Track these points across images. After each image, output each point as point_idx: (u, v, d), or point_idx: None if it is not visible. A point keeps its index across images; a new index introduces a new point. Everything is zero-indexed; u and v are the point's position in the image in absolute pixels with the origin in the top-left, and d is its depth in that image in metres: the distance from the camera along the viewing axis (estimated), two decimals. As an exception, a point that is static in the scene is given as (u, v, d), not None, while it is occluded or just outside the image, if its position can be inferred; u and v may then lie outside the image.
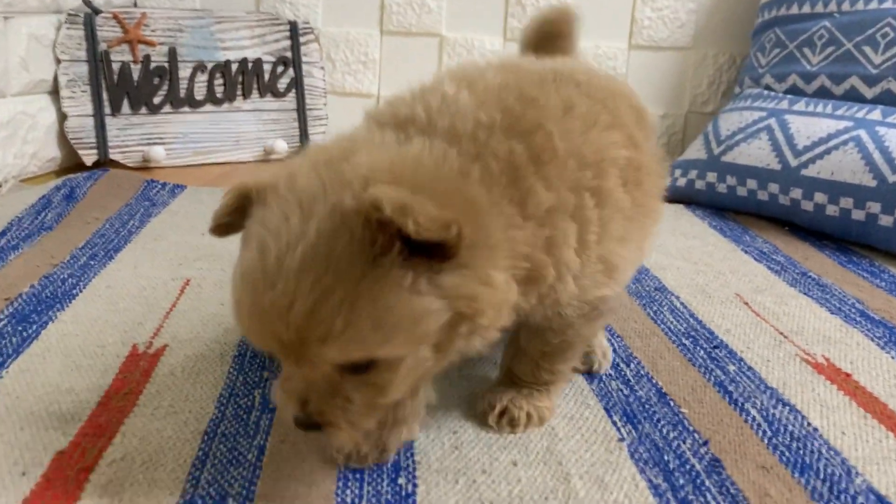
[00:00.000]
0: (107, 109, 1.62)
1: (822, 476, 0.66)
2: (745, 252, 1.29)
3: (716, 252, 1.28)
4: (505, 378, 0.73)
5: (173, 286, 1.00)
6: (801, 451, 0.70)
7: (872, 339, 0.96)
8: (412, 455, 0.66)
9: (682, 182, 1.58)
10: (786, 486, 0.64)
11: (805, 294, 1.10)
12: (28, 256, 1.07)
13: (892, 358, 0.91)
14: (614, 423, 0.73)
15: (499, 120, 0.57)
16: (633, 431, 0.72)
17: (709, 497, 0.62)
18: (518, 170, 0.55)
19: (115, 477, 0.60)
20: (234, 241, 1.19)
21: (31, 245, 1.12)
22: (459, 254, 0.49)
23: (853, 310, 1.05)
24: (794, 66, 1.53)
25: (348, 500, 0.59)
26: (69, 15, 1.58)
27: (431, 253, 0.48)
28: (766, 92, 1.57)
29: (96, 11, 1.60)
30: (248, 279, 0.50)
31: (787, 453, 0.69)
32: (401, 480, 0.62)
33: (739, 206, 1.50)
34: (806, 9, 1.54)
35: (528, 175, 0.56)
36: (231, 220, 0.57)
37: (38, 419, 0.68)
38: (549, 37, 0.88)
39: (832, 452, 0.70)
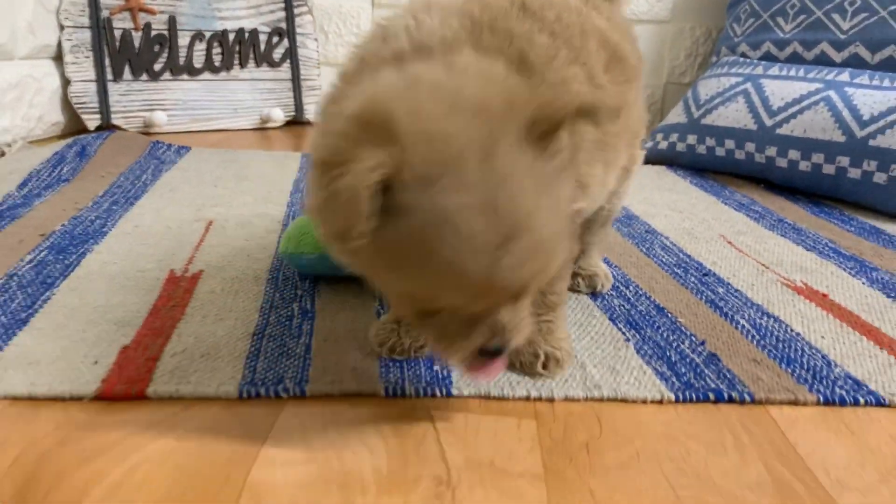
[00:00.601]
0: (109, 75, 1.66)
1: (805, 367, 0.75)
2: (726, 203, 1.38)
3: (699, 203, 1.37)
4: None
5: (198, 226, 1.06)
6: (787, 350, 0.78)
7: (844, 269, 1.05)
8: (443, 350, 0.73)
9: (664, 145, 1.67)
10: (775, 373, 0.73)
11: (782, 236, 1.19)
12: (52, 202, 1.12)
13: (863, 284, 1.00)
14: (619, 329, 0.81)
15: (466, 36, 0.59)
16: (637, 335, 0.80)
17: (708, 381, 0.70)
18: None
19: (179, 365, 0.66)
20: (246, 192, 1.26)
21: (53, 193, 1.17)
22: None
23: (826, 247, 1.14)
24: (768, 35, 1.63)
25: (392, 380, 0.66)
26: (72, -18, 1.62)
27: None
28: (742, 59, 1.67)
29: (98, -21, 1.64)
30: (481, 239, 0.48)
31: (774, 351, 0.78)
32: (436, 367, 0.69)
33: (718, 166, 1.59)
34: (778, -19, 1.64)
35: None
36: (371, 225, 0.48)
37: (98, 324, 0.74)
38: None
39: (813, 350, 0.78)
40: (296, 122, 1.91)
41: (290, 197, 1.24)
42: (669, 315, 0.85)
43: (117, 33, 1.67)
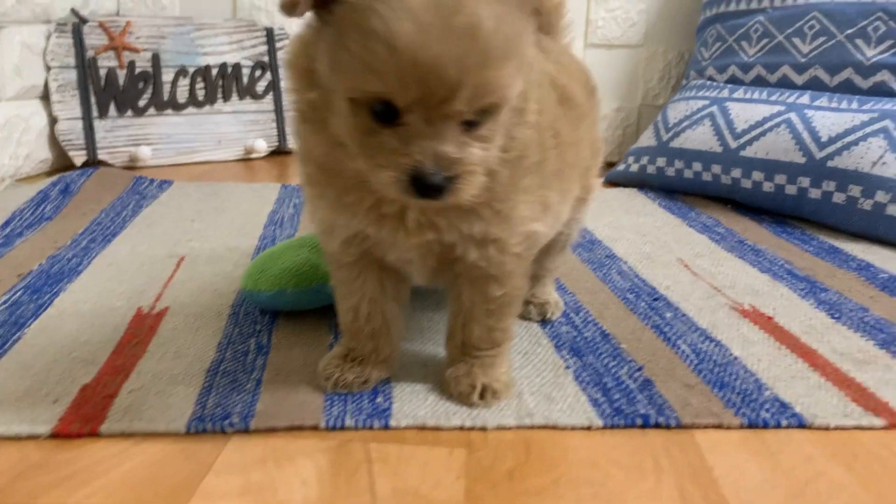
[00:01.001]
0: (95, 113, 1.71)
1: (737, 391, 0.78)
2: (690, 226, 1.42)
3: (664, 226, 1.41)
4: (459, 353, 0.76)
5: (170, 262, 1.10)
6: (722, 374, 0.82)
7: (795, 291, 1.08)
8: (389, 382, 0.77)
9: (635, 168, 1.71)
10: (705, 397, 0.76)
11: (740, 258, 1.23)
12: (33, 241, 1.17)
13: (810, 305, 1.03)
14: (562, 357, 0.85)
15: None
16: (579, 361, 0.83)
17: (639, 406, 0.74)
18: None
19: (134, 401, 0.70)
20: (222, 225, 1.30)
21: (35, 232, 1.21)
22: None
23: (781, 269, 1.18)
24: (734, 58, 1.67)
25: (335, 413, 0.70)
26: (58, 24, 1.67)
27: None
28: (709, 82, 1.71)
29: (84, 21, 1.70)
30: (423, 12, 0.51)
31: (709, 375, 0.81)
32: (378, 399, 0.73)
33: (687, 188, 1.63)
34: (743, 5, 1.68)
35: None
36: None
37: (63, 363, 0.78)
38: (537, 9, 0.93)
39: (748, 374, 0.82)
40: (279, 152, 1.96)
41: (263, 229, 1.29)
42: (613, 341, 0.89)
43: (102, 72, 1.72)
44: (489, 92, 0.55)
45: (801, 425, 0.72)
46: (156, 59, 1.78)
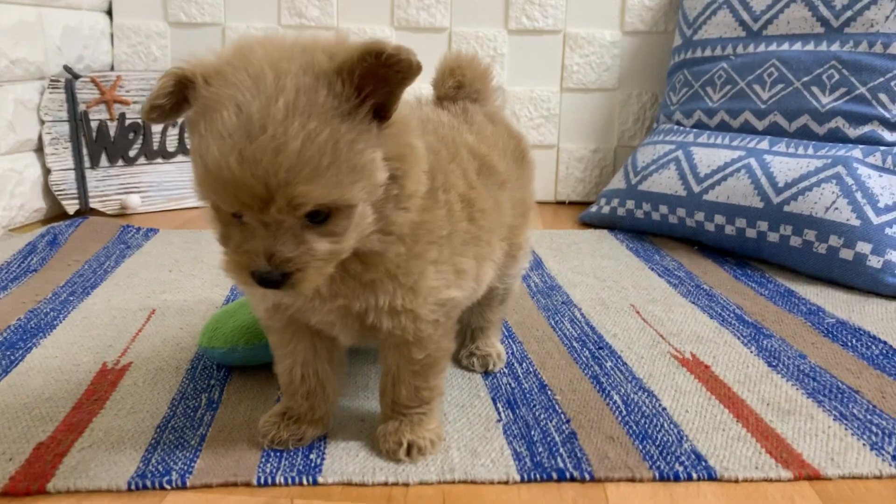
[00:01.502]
0: (87, 163, 1.79)
1: (657, 443, 0.82)
2: (653, 269, 1.46)
3: (625, 270, 1.45)
4: (390, 411, 0.80)
5: (141, 315, 1.16)
6: (647, 425, 0.86)
7: (739, 338, 1.12)
8: (325, 438, 0.82)
9: (606, 209, 1.76)
10: (625, 450, 0.80)
11: (693, 303, 1.27)
12: (16, 295, 1.23)
13: (751, 352, 1.07)
14: (497, 409, 0.89)
15: None
16: (511, 414, 0.88)
17: (559, 460, 0.78)
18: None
19: (83, 459, 0.76)
20: (197, 275, 1.36)
21: (19, 285, 1.28)
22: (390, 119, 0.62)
23: (731, 315, 1.22)
24: (699, 104, 1.72)
25: (268, 469, 0.75)
26: (51, 81, 1.76)
27: (379, 116, 0.61)
28: (676, 127, 1.76)
29: (76, 76, 1.78)
30: (231, 134, 0.55)
31: (634, 427, 0.86)
32: (312, 455, 0.78)
33: (655, 230, 1.68)
34: (708, 52, 1.73)
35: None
36: (167, 103, 0.60)
37: (23, 420, 0.83)
38: (460, 83, 0.93)
39: (672, 425, 0.86)
40: (267, 195, 2.02)
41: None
42: (549, 392, 0.94)
43: (94, 124, 1.80)
44: (306, 203, 0.57)
45: (711, 478, 0.76)
46: (151, 111, 1.85)
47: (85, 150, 1.79)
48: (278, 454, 0.78)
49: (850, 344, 1.10)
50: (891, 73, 1.42)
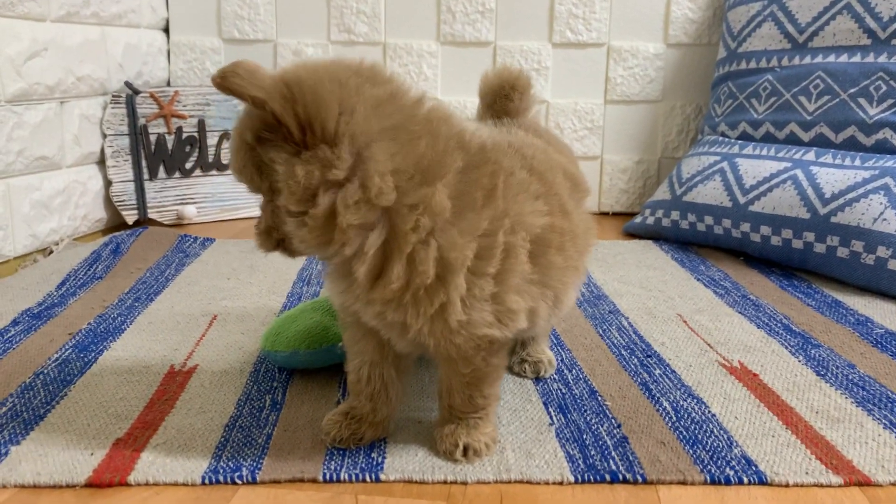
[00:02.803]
0: (145, 175, 1.86)
1: (707, 448, 0.84)
2: (699, 279, 1.48)
3: (671, 280, 1.47)
4: (447, 413, 0.83)
5: (203, 321, 1.21)
6: (697, 431, 0.88)
7: (787, 347, 1.13)
8: (385, 438, 0.85)
9: (650, 220, 1.77)
10: (675, 454, 0.83)
11: (740, 313, 1.28)
12: (84, 300, 1.29)
13: (799, 361, 1.08)
14: (549, 413, 0.92)
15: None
16: (563, 418, 0.91)
17: (611, 463, 0.81)
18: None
19: (159, 455, 0.80)
20: (254, 283, 1.41)
21: (86, 291, 1.34)
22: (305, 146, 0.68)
23: (779, 324, 1.23)
24: (744, 115, 1.73)
25: (333, 467, 0.79)
26: (113, 96, 1.83)
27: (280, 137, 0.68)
28: (721, 138, 1.77)
29: (136, 92, 1.86)
30: None
31: (684, 433, 0.88)
32: (374, 454, 0.82)
33: (700, 240, 1.69)
34: (752, 64, 1.74)
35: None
36: None
37: (101, 417, 0.88)
38: (502, 96, 0.97)
39: (721, 431, 0.88)
40: (316, 206, 2.07)
41: (291, 287, 1.39)
42: (599, 398, 0.96)
43: (153, 138, 1.88)
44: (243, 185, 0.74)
45: (761, 482, 0.78)
46: (201, 124, 1.93)
47: (144, 163, 1.86)
48: (342, 452, 0.82)
49: (899, 354, 1.11)
50: (940, 85, 1.42)
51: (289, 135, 0.67)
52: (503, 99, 0.96)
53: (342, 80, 0.69)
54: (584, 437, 0.86)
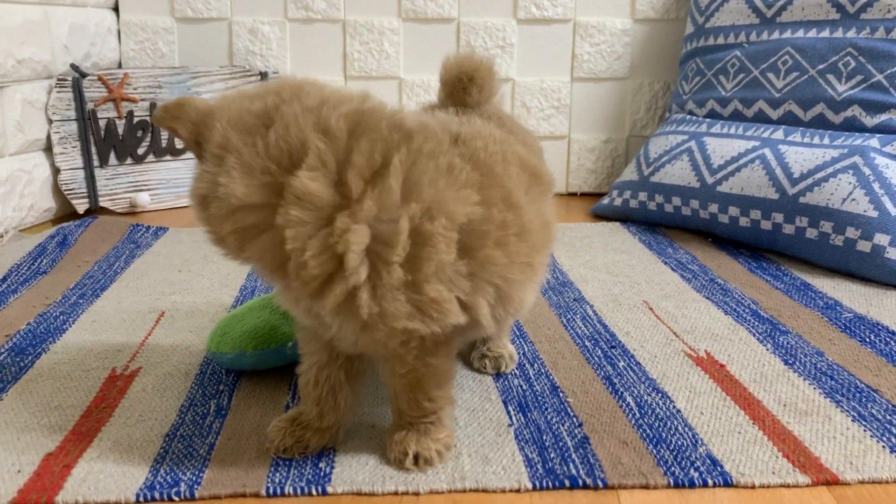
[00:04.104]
0: (95, 162, 1.79)
1: (671, 447, 0.81)
2: (666, 263, 1.44)
3: (638, 265, 1.44)
4: (398, 419, 0.79)
5: (150, 318, 1.16)
6: (661, 429, 0.85)
7: (754, 335, 1.10)
8: (333, 448, 0.81)
9: (618, 202, 1.74)
10: (638, 455, 0.79)
11: (707, 298, 1.25)
12: (25, 298, 1.23)
13: (766, 350, 1.05)
14: (508, 413, 0.88)
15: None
16: (523, 418, 0.87)
17: (571, 466, 0.77)
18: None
19: (91, 470, 0.75)
20: (206, 276, 1.35)
21: (28, 288, 1.28)
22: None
23: (746, 310, 1.20)
24: (712, 93, 1.69)
25: (277, 479, 0.74)
26: (58, 80, 1.75)
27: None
28: (688, 117, 1.73)
29: (83, 75, 1.78)
30: None
31: (648, 431, 0.84)
32: (321, 464, 0.77)
33: (668, 222, 1.65)
34: (720, 40, 1.70)
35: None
36: None
37: (32, 430, 0.83)
38: (460, 88, 0.92)
39: (687, 428, 0.85)
40: (277, 191, 2.01)
41: (245, 279, 1.34)
42: (561, 395, 0.92)
43: (102, 123, 1.80)
44: None
45: (727, 483, 0.75)
46: (153, 108, 1.85)
47: (94, 149, 1.79)
48: (287, 463, 0.77)
49: (868, 340, 1.08)
50: (909, 60, 1.39)
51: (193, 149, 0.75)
52: (461, 91, 0.91)
53: (232, 106, 0.72)
54: (544, 437, 0.83)
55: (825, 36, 1.50)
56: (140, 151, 1.84)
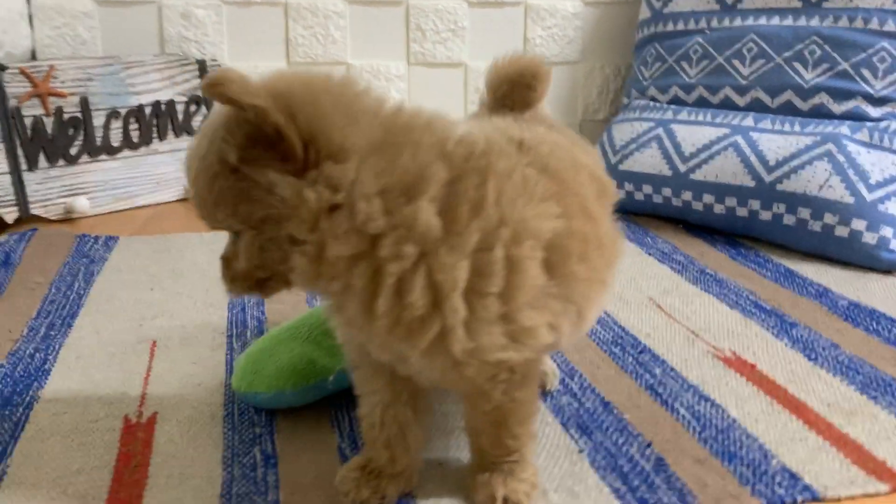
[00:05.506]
0: (23, 165, 1.61)
1: (745, 462, 0.81)
2: (649, 254, 1.45)
3: (625, 258, 1.43)
4: (478, 457, 0.75)
5: (141, 349, 1.05)
6: (726, 442, 0.84)
7: (767, 329, 1.12)
8: (411, 494, 0.75)
9: (586, 190, 1.73)
10: (718, 474, 0.78)
11: (706, 291, 1.27)
12: (-15, 333, 1.09)
13: (785, 345, 1.07)
14: (571, 437, 0.85)
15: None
16: (589, 441, 0.84)
17: (660, 493, 0.75)
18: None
19: (154, 549, 0.67)
20: (184, 294, 1.25)
21: (-17, 321, 1.13)
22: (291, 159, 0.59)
23: (748, 302, 1.22)
24: (675, 79, 1.70)
25: (366, 539, 0.69)
26: (-26, 74, 1.56)
27: (275, 155, 0.59)
28: (652, 103, 1.74)
29: (3, 68, 1.59)
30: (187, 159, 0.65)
31: (715, 444, 0.84)
32: (406, 515, 0.72)
33: (638, 209, 1.66)
34: (680, 26, 1.71)
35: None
36: None
37: (61, 502, 0.73)
38: (516, 87, 0.87)
39: (750, 439, 0.85)
40: (220, 187, 1.89)
41: (228, 298, 1.24)
42: (615, 411, 0.90)
43: (28, 121, 1.62)
44: (206, 221, 0.64)
45: (815, 499, 0.75)
46: (84, 102, 1.68)
47: (20, 151, 1.60)
48: (367, 518, 0.72)
49: (871, 328, 1.12)
50: (872, 49, 1.44)
51: (289, 151, 0.58)
52: (524, 89, 0.85)
53: (332, 90, 0.61)
54: (619, 462, 0.80)
55: (789, 24, 1.54)
56: (73, 152, 1.67)
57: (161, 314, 1.17)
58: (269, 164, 0.59)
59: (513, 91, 0.86)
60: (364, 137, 0.60)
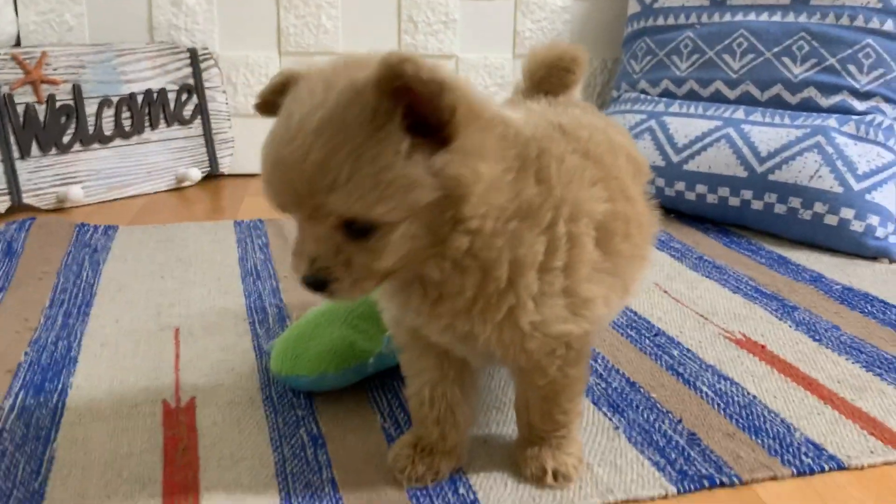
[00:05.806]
0: (16, 153, 1.58)
1: (771, 435, 0.85)
2: (648, 242, 1.49)
3: (625, 245, 1.47)
4: (527, 432, 0.78)
5: (165, 336, 1.05)
6: (751, 417, 0.88)
7: (771, 312, 1.17)
8: (461, 469, 0.78)
9: (579, 180, 1.77)
10: (749, 447, 0.82)
11: (707, 276, 1.31)
12: (0, 321, 1.07)
13: (790, 327, 1.12)
14: (605, 414, 0.88)
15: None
16: (623, 419, 0.87)
17: (698, 465, 0.79)
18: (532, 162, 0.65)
19: (222, 527, 0.68)
20: (197, 282, 1.26)
21: (-3, 309, 1.12)
22: (453, 140, 0.57)
23: (748, 287, 1.27)
24: (665, 72, 1.75)
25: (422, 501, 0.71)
26: (-36, 60, 1.53)
27: (431, 133, 0.57)
28: (642, 95, 1.78)
29: (-7, 54, 1.56)
30: (273, 138, 0.59)
31: (741, 420, 0.88)
32: (461, 490, 0.74)
33: (632, 199, 1.70)
34: (670, 20, 1.76)
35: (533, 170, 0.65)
36: (273, 98, 0.63)
37: (117, 485, 0.73)
38: (554, 72, 0.89)
39: (772, 414, 0.89)
40: (212, 176, 1.88)
41: (242, 284, 1.24)
42: (642, 390, 0.94)
43: (20, 109, 1.59)
44: (329, 213, 0.58)
45: (841, 467, 0.80)
46: (77, 90, 1.65)
47: (12, 139, 1.57)
48: (425, 492, 0.74)
49: (867, 311, 1.18)
50: (858, 45, 1.50)
51: (450, 132, 0.57)
52: (563, 73, 0.87)
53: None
54: (654, 438, 0.84)
55: (777, 20, 1.59)
56: (65, 140, 1.65)
57: (177, 302, 1.17)
58: (430, 147, 0.58)
59: (550, 75, 0.88)
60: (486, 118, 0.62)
